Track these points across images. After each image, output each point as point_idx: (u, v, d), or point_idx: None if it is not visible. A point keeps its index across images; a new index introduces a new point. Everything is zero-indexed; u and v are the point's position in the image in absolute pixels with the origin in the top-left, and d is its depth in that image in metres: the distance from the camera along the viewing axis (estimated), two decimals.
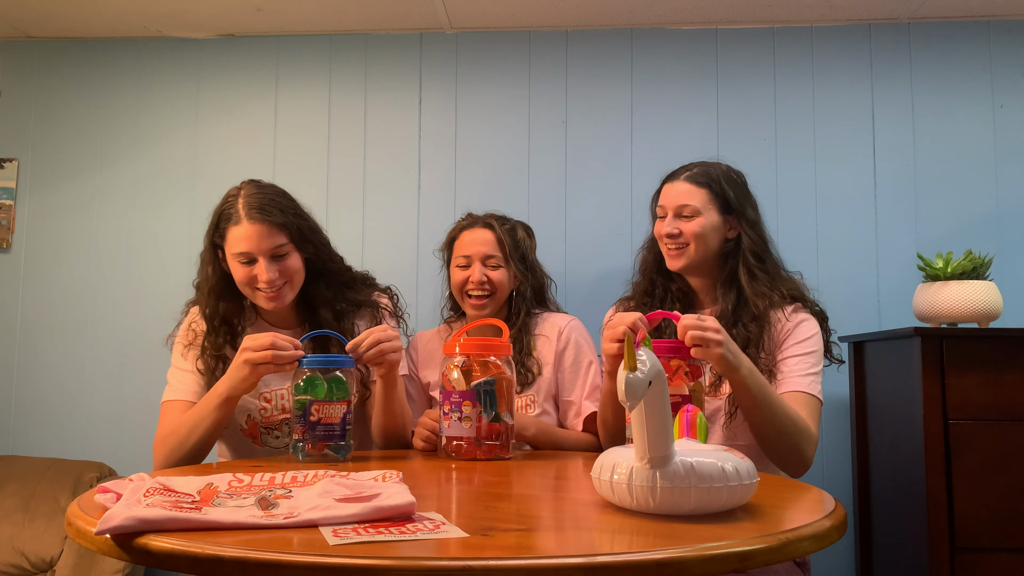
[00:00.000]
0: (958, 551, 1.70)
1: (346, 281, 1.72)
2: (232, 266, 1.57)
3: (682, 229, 1.64)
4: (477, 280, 1.76)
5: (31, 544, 2.03)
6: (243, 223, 1.53)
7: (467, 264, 1.78)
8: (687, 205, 1.64)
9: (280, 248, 1.55)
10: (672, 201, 1.66)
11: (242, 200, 1.56)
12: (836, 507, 0.91)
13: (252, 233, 1.52)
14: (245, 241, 1.52)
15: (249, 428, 1.62)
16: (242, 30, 2.43)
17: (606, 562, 0.68)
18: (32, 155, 2.45)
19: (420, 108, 2.40)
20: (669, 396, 0.87)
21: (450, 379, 1.41)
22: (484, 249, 1.78)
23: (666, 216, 1.67)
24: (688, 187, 1.66)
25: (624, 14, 2.31)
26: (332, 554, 0.68)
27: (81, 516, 0.84)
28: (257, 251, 1.53)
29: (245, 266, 1.54)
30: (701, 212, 1.64)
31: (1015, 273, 2.20)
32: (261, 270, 1.53)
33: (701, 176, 1.68)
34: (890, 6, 2.24)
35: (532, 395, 1.76)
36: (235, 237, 1.54)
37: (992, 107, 2.28)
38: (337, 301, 1.67)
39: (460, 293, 1.80)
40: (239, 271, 1.55)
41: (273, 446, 1.63)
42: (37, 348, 2.39)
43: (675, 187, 1.67)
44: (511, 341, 1.76)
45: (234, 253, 1.54)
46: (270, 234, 1.53)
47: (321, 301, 1.65)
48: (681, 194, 1.65)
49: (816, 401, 1.52)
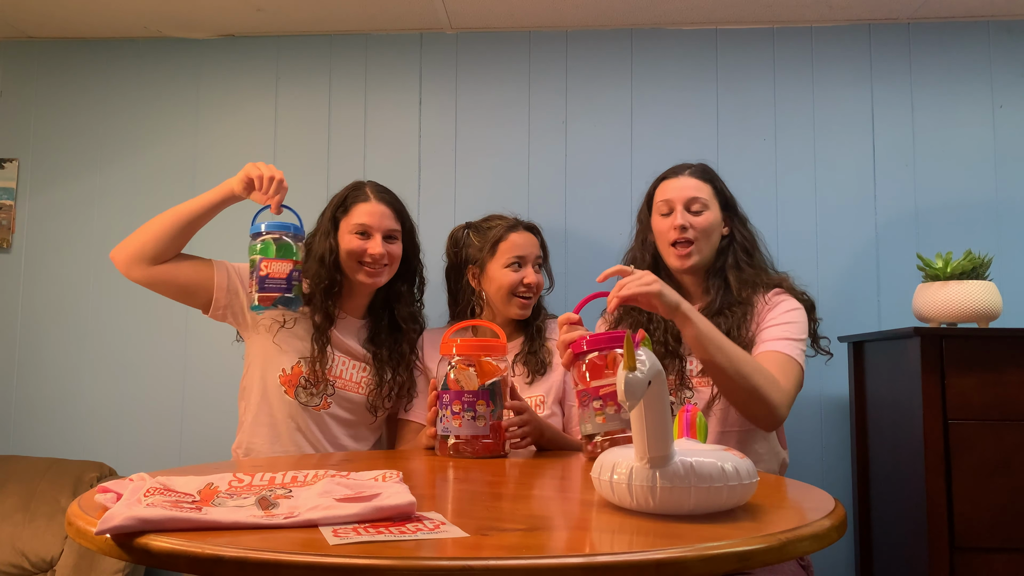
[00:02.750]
0: (958, 551, 1.70)
1: (415, 295, 1.91)
2: (346, 239, 1.74)
3: (692, 223, 1.63)
4: (535, 282, 1.80)
5: (31, 544, 2.03)
6: (372, 201, 1.76)
7: (520, 265, 1.80)
8: (697, 199, 1.64)
9: (393, 232, 1.77)
10: (681, 194, 1.65)
11: (371, 186, 1.80)
12: (836, 507, 0.91)
13: (377, 211, 1.75)
14: (369, 215, 1.74)
15: (293, 373, 1.73)
16: (242, 30, 2.43)
17: (606, 562, 0.68)
18: (32, 155, 2.45)
19: (420, 108, 2.40)
20: (668, 395, 0.87)
21: (460, 379, 1.42)
22: (535, 251, 1.84)
23: (672, 211, 1.65)
24: (695, 182, 1.67)
25: (624, 14, 2.31)
26: (332, 554, 0.68)
27: (81, 516, 0.84)
28: (377, 227, 1.74)
29: (360, 239, 1.73)
30: (709, 206, 1.65)
31: (1015, 273, 2.20)
32: (374, 244, 1.72)
33: (703, 172, 1.70)
34: (890, 6, 2.24)
35: (542, 395, 1.77)
36: (361, 211, 1.74)
37: (992, 107, 2.28)
38: (411, 308, 1.86)
39: (509, 294, 1.80)
40: (352, 242, 1.73)
41: (302, 401, 1.73)
42: (37, 348, 2.39)
43: (681, 182, 1.67)
44: (528, 334, 1.81)
45: (355, 223, 1.73)
46: (391, 216, 1.77)
47: (398, 298, 1.83)
48: (689, 188, 1.65)
49: (791, 361, 1.51)
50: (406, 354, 1.80)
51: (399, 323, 1.81)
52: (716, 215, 1.66)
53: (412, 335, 1.84)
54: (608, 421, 1.29)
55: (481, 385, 1.42)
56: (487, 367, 1.44)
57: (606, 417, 1.29)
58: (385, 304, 1.84)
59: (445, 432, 1.43)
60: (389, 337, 1.81)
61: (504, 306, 1.81)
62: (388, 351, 1.78)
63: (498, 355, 1.46)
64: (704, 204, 1.64)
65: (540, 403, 1.76)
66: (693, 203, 1.64)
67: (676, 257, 1.65)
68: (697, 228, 1.63)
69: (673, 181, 1.69)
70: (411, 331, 1.84)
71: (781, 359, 1.51)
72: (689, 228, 1.63)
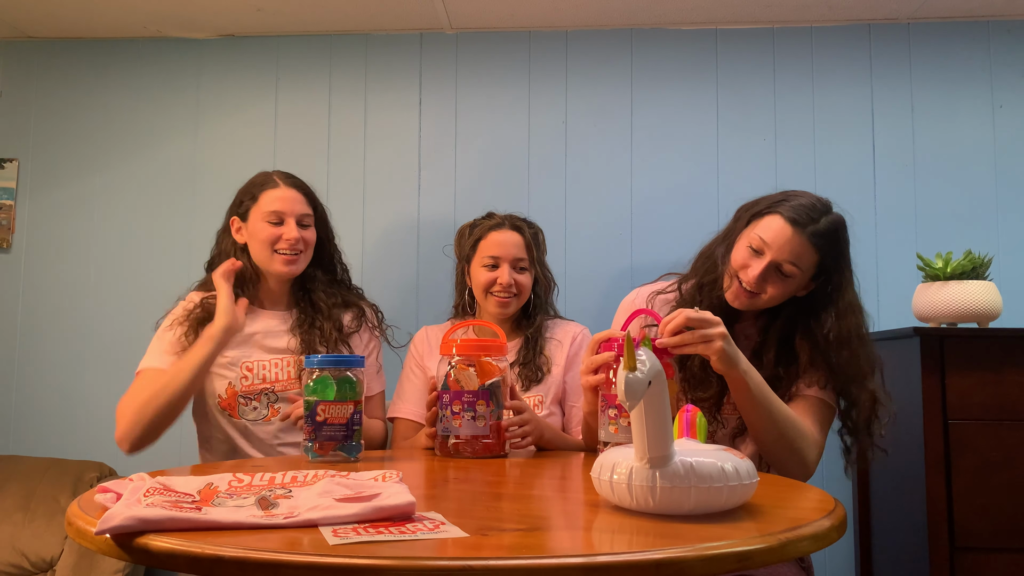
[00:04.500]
0: (958, 551, 1.70)
1: (341, 278, 1.84)
2: (257, 228, 1.68)
3: (769, 288, 1.41)
4: (506, 283, 1.76)
5: (31, 544, 2.03)
6: (281, 187, 1.70)
7: (495, 265, 1.79)
8: (794, 265, 1.39)
9: (306, 218, 1.71)
10: (779, 252, 1.39)
11: (278, 174, 1.74)
12: (836, 507, 0.91)
13: (288, 196, 1.69)
14: (280, 202, 1.68)
15: (228, 398, 1.65)
16: (242, 30, 2.43)
17: (606, 562, 0.68)
18: (32, 155, 2.45)
19: (420, 108, 2.40)
20: (668, 395, 0.87)
21: (460, 379, 1.42)
22: (514, 252, 1.79)
23: (762, 254, 1.40)
24: (807, 246, 1.39)
25: (624, 14, 2.31)
26: (332, 554, 0.68)
27: (81, 516, 0.84)
28: (290, 212, 1.68)
29: (273, 226, 1.67)
30: (798, 276, 1.40)
31: (1015, 273, 2.20)
32: (289, 229, 1.67)
33: (824, 237, 1.40)
34: (890, 6, 2.24)
35: (540, 395, 1.77)
36: (270, 198, 1.69)
37: (992, 107, 2.28)
38: (331, 289, 1.78)
39: (484, 293, 1.80)
40: (265, 231, 1.67)
41: (249, 418, 1.65)
42: (37, 348, 2.39)
43: (791, 235, 1.38)
44: (526, 340, 1.79)
45: (266, 212, 1.67)
46: (302, 201, 1.71)
47: (317, 285, 1.76)
48: (794, 249, 1.38)
49: (827, 407, 1.45)
50: (334, 335, 1.71)
51: (320, 307, 1.73)
52: (800, 284, 1.43)
53: (338, 314, 1.75)
54: (620, 432, 1.30)
55: (481, 385, 1.42)
56: (487, 367, 1.44)
57: (619, 428, 1.30)
58: (303, 291, 1.76)
59: (445, 432, 1.43)
60: (314, 324, 1.72)
61: (484, 304, 1.82)
62: (318, 337, 1.70)
63: (498, 355, 1.46)
64: (794, 273, 1.39)
65: (539, 403, 1.76)
66: (786, 266, 1.39)
67: (734, 295, 1.45)
68: (772, 293, 1.42)
69: (784, 227, 1.39)
70: (335, 312, 1.75)
71: (819, 407, 1.44)
72: (765, 285, 1.41)
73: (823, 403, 1.45)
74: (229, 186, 1.78)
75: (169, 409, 1.52)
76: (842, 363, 1.42)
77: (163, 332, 1.66)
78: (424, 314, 2.26)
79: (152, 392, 1.52)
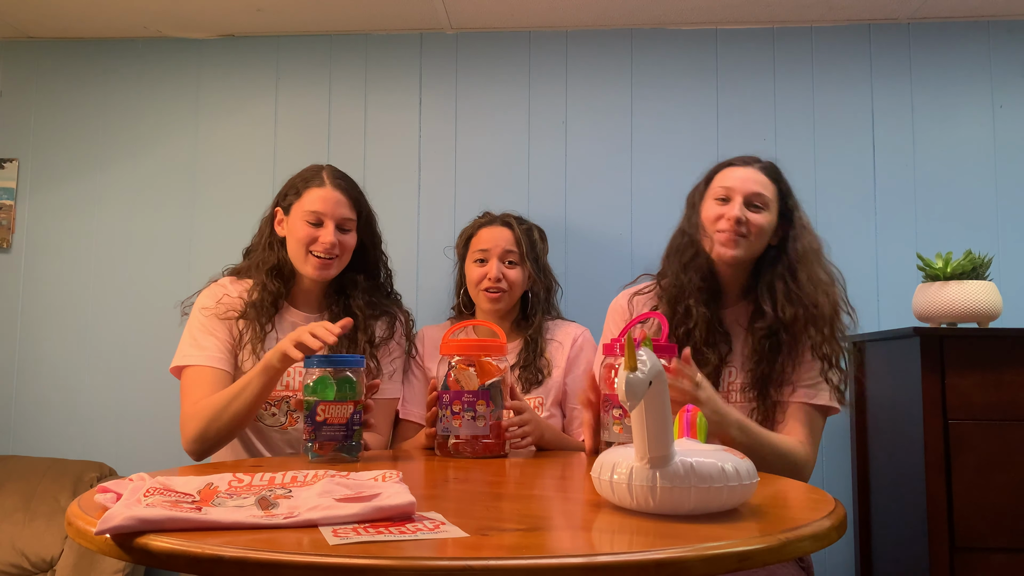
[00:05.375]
0: (958, 551, 1.70)
1: (381, 285, 1.78)
2: (296, 226, 1.63)
3: (749, 218, 1.52)
4: (494, 276, 1.77)
5: (31, 544, 2.03)
6: (326, 187, 1.64)
7: (484, 260, 1.80)
8: (761, 195, 1.53)
9: (347, 222, 1.65)
10: (745, 187, 1.53)
11: (327, 171, 1.67)
12: (836, 507, 0.91)
13: (331, 197, 1.63)
14: (321, 202, 1.62)
15: None
16: (242, 30, 2.43)
17: (606, 562, 0.68)
18: (32, 155, 2.45)
19: (420, 108, 2.40)
20: (668, 395, 0.87)
21: (460, 379, 1.42)
22: (502, 246, 1.80)
23: (730, 199, 1.53)
24: (763, 178, 1.56)
25: (624, 14, 2.30)
26: (332, 554, 0.68)
27: (81, 516, 0.84)
28: (330, 215, 1.62)
29: (311, 226, 1.62)
30: (769, 207, 1.54)
31: (1015, 273, 2.20)
32: (326, 233, 1.61)
33: (772, 171, 1.58)
34: (890, 6, 2.24)
35: (541, 397, 1.77)
36: (313, 197, 1.62)
37: (992, 107, 2.28)
38: (371, 299, 1.71)
39: (475, 289, 1.81)
40: (302, 230, 1.61)
41: (267, 423, 1.64)
42: (37, 348, 2.39)
43: (747, 173, 1.56)
44: (526, 342, 1.79)
45: (306, 210, 1.62)
46: (346, 204, 1.65)
47: (356, 290, 1.70)
48: (756, 182, 1.54)
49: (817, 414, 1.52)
50: (367, 349, 1.66)
51: (356, 315, 1.66)
52: (772, 218, 1.55)
53: (372, 325, 1.69)
54: (624, 432, 1.30)
55: (481, 385, 1.42)
56: (487, 367, 1.44)
57: (623, 428, 1.30)
58: (340, 294, 1.71)
59: (445, 432, 1.43)
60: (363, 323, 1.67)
61: (477, 301, 1.84)
62: (347, 346, 1.64)
63: (498, 355, 1.46)
64: (766, 202, 1.53)
65: (539, 404, 1.76)
66: (756, 198, 1.52)
67: (722, 244, 1.53)
68: (753, 225, 1.51)
69: (738, 170, 1.56)
70: (370, 323, 1.69)
71: (809, 415, 1.50)
72: (746, 221, 1.51)
73: (812, 410, 1.51)
74: (229, 186, 1.78)
75: (237, 421, 1.51)
76: (803, 283, 1.52)
77: (202, 321, 1.62)
78: (424, 314, 2.25)
79: (217, 405, 1.50)
